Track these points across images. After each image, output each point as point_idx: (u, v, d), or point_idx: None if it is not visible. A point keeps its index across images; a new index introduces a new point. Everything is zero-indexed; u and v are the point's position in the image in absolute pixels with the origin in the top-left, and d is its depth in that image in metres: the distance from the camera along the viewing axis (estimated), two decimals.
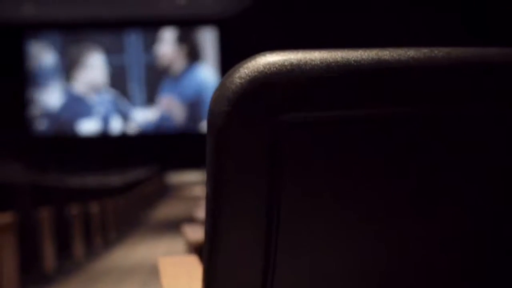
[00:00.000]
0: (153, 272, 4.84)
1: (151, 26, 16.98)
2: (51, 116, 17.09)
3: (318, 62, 0.57)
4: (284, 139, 0.57)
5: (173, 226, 7.82)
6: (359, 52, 0.58)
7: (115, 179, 8.96)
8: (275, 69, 0.57)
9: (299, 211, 0.58)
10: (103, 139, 17.01)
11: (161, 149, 16.67)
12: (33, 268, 4.21)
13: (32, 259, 4.20)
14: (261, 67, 0.57)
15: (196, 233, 1.60)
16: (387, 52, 0.59)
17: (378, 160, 0.59)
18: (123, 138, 17.05)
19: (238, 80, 0.57)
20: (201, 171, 12.66)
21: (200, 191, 10.84)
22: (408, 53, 0.59)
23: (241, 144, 0.57)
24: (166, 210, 10.41)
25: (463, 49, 0.60)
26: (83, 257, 5.47)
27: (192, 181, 14.31)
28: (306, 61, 0.57)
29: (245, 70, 0.57)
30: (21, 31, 16.66)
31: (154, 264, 5.21)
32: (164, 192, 13.41)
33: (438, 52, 0.59)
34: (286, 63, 0.57)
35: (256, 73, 0.57)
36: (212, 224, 0.59)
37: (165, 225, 8.24)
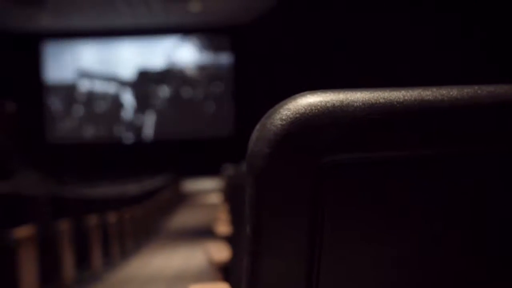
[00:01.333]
0: (171, 282, 4.84)
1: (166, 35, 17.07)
2: (68, 123, 17.20)
3: (361, 104, 0.56)
4: (326, 181, 0.56)
5: (190, 235, 7.83)
6: (401, 93, 0.57)
7: (132, 188, 8.98)
8: (316, 110, 0.56)
9: (340, 255, 0.57)
10: (119, 146, 17.08)
11: (176, 156, 16.71)
12: (53, 279, 4.24)
13: (52, 270, 4.22)
14: (302, 108, 0.56)
15: (221, 253, 1.59)
16: (430, 92, 0.58)
17: (421, 201, 0.58)
18: (139, 145, 17.11)
19: (279, 122, 0.56)
20: (216, 178, 12.66)
21: (216, 199, 10.83)
22: (451, 92, 0.58)
23: (282, 185, 0.56)
24: (182, 218, 10.42)
25: (507, 87, 0.59)
26: (101, 268, 5.48)
27: (208, 189, 14.32)
28: (348, 103, 0.56)
29: (286, 112, 0.57)
30: (38, 40, 16.81)
31: (172, 274, 5.21)
32: (181, 200, 13.43)
33: (482, 91, 0.58)
34: (328, 105, 0.56)
35: (297, 115, 0.56)
36: (252, 265, 0.58)
37: (182, 233, 8.25)
